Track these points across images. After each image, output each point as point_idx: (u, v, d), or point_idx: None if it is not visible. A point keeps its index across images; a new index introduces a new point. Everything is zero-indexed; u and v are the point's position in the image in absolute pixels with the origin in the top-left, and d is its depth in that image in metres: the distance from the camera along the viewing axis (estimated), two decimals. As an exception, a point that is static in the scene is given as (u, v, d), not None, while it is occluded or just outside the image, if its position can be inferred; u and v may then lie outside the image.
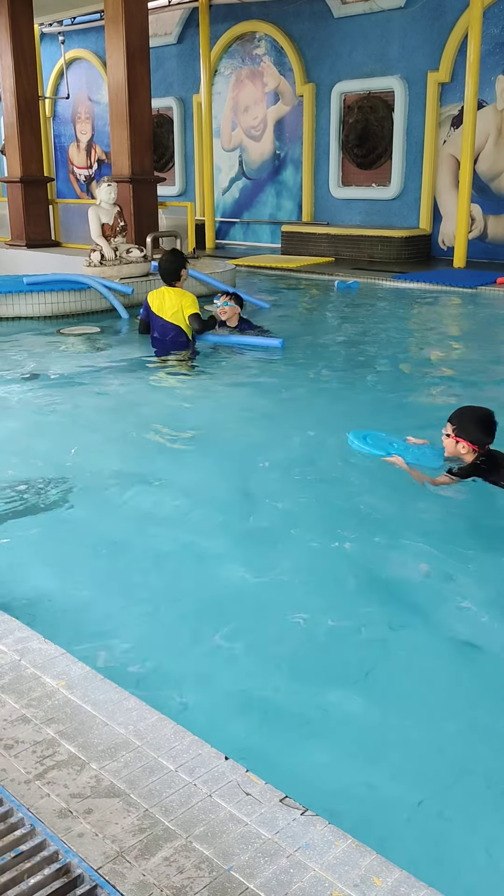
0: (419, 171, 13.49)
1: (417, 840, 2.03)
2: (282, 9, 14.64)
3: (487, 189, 12.72)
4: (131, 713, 2.15)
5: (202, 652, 2.80)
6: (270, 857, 1.69)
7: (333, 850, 1.70)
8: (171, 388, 6.29)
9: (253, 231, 16.31)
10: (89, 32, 18.07)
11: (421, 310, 9.78)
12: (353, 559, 3.43)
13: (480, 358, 7.53)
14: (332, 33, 14.13)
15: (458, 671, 2.73)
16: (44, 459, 4.61)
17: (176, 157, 17.23)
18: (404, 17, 13.13)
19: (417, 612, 3.04)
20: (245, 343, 7.41)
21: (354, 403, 5.79)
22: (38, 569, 3.39)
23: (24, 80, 11.89)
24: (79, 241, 12.04)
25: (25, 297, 8.85)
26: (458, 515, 3.89)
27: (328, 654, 2.80)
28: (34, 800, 1.86)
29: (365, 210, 14.38)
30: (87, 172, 19.56)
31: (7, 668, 2.35)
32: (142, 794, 1.87)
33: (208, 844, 1.72)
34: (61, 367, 6.80)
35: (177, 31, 16.44)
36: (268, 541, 3.62)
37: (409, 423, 5.10)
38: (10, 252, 12.18)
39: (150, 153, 10.80)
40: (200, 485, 4.26)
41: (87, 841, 1.74)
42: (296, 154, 15.19)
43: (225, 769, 1.94)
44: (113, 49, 10.30)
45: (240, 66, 15.75)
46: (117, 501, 4.08)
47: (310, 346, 7.68)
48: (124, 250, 9.66)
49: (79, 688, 2.25)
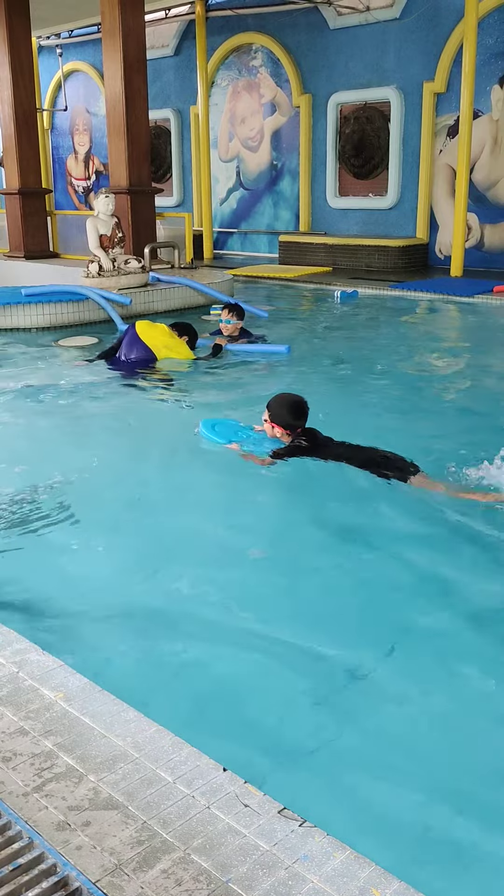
0: (416, 181, 13.54)
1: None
2: (278, 20, 14.72)
3: (484, 198, 12.77)
4: (129, 725, 2.14)
5: (200, 656, 2.80)
6: (269, 869, 1.68)
7: (332, 862, 1.70)
8: (169, 400, 6.29)
9: (251, 241, 16.35)
10: (87, 45, 18.16)
11: (418, 318, 9.81)
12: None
13: (476, 363, 7.60)
14: (328, 44, 14.21)
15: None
16: (39, 470, 4.59)
17: (173, 169, 17.30)
18: (400, 27, 13.21)
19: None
20: (252, 351, 7.44)
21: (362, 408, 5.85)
22: (37, 580, 3.38)
23: (22, 93, 11.95)
24: (77, 252, 12.07)
25: (23, 309, 8.86)
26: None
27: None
28: (32, 812, 1.85)
29: (362, 220, 14.43)
30: (85, 184, 19.63)
31: (5, 680, 2.35)
32: (140, 806, 1.86)
33: (206, 856, 1.72)
34: (57, 378, 6.80)
35: (174, 43, 16.53)
36: (266, 550, 3.62)
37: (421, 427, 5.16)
38: (8, 263, 12.21)
39: (148, 164, 10.84)
40: (201, 493, 4.26)
41: (86, 853, 1.73)
42: (293, 164, 15.25)
43: (223, 781, 1.94)
44: (110, 61, 10.36)
45: (236, 78, 15.83)
46: (114, 512, 4.08)
47: (311, 353, 7.73)
48: (122, 261, 9.69)
49: (77, 699, 2.25)
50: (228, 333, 7.71)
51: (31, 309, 8.88)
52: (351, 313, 10.01)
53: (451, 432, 5.20)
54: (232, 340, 7.64)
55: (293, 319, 9.81)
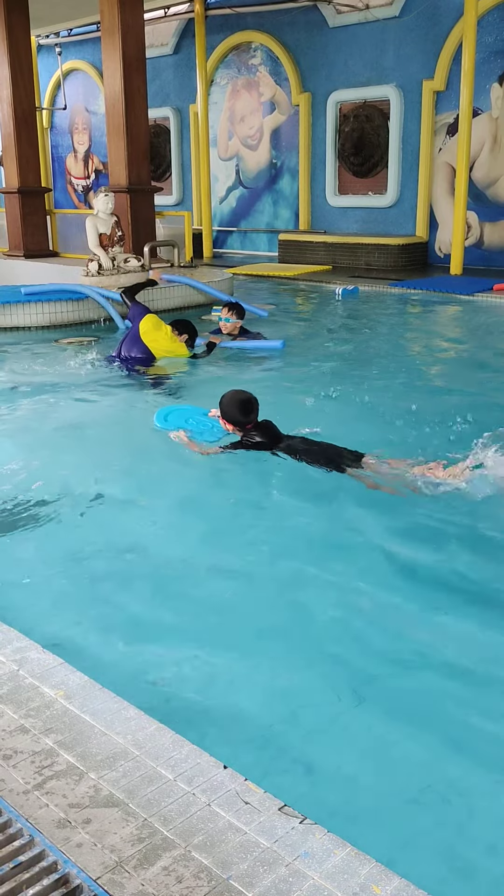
0: (415, 180, 13.53)
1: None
2: (277, 19, 14.71)
3: (483, 196, 12.76)
4: (130, 722, 2.15)
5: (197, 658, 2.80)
6: (269, 866, 1.68)
7: (332, 859, 1.70)
8: (168, 398, 6.29)
9: (250, 240, 16.34)
10: (86, 44, 18.15)
11: (417, 316, 9.80)
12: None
13: (473, 360, 7.64)
14: (328, 43, 14.20)
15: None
16: (44, 470, 4.60)
17: (173, 167, 17.29)
18: (399, 26, 13.20)
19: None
20: (248, 347, 7.44)
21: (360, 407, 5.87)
22: (35, 579, 3.39)
23: (22, 92, 11.94)
24: (76, 251, 12.06)
25: (23, 308, 8.86)
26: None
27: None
28: (33, 810, 1.86)
29: (362, 218, 14.42)
30: (84, 183, 19.62)
31: (6, 677, 2.35)
32: (140, 804, 1.87)
33: (207, 853, 1.72)
34: (57, 377, 6.80)
35: (173, 41, 16.52)
36: (262, 548, 3.63)
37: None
38: (8, 262, 12.20)
39: (147, 163, 10.83)
40: (199, 497, 4.26)
41: (86, 851, 1.74)
42: (292, 163, 15.25)
43: (224, 778, 1.94)
44: (109, 60, 10.35)
45: (236, 76, 15.82)
46: (112, 511, 4.08)
47: (310, 350, 7.73)
48: (122, 260, 9.69)
49: (77, 697, 2.25)
50: (228, 332, 7.71)
51: (30, 308, 8.88)
52: (351, 310, 10.01)
53: (432, 420, 5.26)
54: (231, 339, 7.65)
55: (294, 317, 9.80)
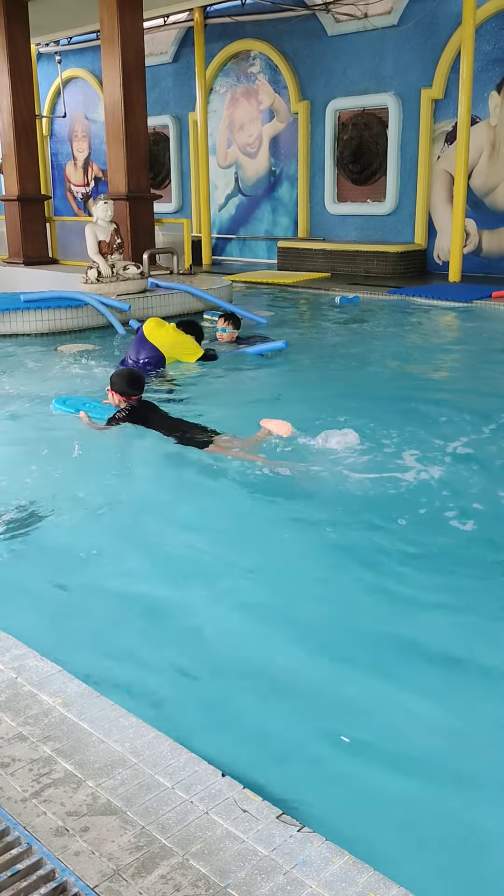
0: (414, 187, 13.57)
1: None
2: (276, 27, 14.77)
3: (482, 204, 12.80)
4: (128, 730, 2.14)
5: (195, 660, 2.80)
6: (267, 874, 1.68)
7: (331, 867, 1.70)
8: (171, 406, 6.29)
9: (249, 247, 16.38)
10: (86, 52, 18.22)
11: (416, 324, 9.81)
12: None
13: (471, 366, 7.66)
14: (326, 51, 14.25)
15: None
16: (45, 477, 4.60)
17: (172, 175, 17.33)
18: (397, 34, 13.25)
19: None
20: (251, 352, 7.47)
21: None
22: (35, 584, 3.38)
23: (21, 100, 11.98)
24: (76, 258, 12.09)
25: (22, 315, 8.87)
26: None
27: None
28: (31, 818, 1.85)
29: (360, 226, 14.45)
30: (84, 190, 19.66)
31: (4, 685, 2.35)
32: (138, 812, 1.86)
33: (205, 862, 1.71)
34: (59, 384, 6.80)
35: (172, 50, 16.58)
36: (259, 557, 3.63)
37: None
38: (7, 269, 12.22)
39: (147, 171, 10.87)
40: (199, 502, 4.26)
41: (84, 859, 1.73)
42: (291, 171, 15.29)
43: (222, 786, 1.94)
44: (109, 68, 10.39)
45: (235, 85, 15.88)
46: (111, 518, 4.08)
47: (310, 357, 7.75)
48: (121, 267, 9.70)
49: (75, 705, 2.25)
50: (225, 342, 7.71)
51: (30, 315, 8.89)
52: (350, 318, 10.02)
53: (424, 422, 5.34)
54: (231, 349, 7.64)
55: (293, 325, 9.82)
